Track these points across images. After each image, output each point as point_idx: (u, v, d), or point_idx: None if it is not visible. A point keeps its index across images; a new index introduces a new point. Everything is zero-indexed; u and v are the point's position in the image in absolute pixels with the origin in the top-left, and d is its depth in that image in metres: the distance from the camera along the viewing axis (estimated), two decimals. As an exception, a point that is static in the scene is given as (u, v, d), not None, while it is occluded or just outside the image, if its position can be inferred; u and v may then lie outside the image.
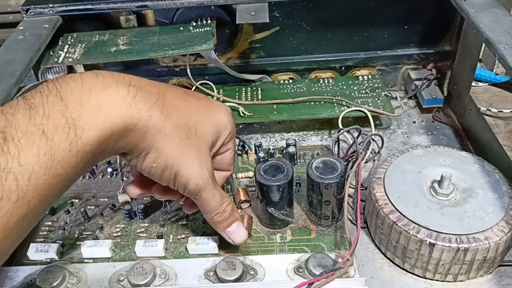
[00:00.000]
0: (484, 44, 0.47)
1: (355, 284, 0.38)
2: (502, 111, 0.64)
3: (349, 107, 0.57)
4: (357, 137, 0.50)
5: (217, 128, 0.38)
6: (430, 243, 0.38)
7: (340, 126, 0.54)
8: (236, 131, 0.56)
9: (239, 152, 0.54)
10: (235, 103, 0.58)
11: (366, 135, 0.51)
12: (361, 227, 0.44)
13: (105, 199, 0.49)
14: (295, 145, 0.52)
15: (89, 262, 0.43)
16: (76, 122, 0.29)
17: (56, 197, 0.30)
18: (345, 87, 0.61)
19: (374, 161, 0.53)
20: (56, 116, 0.28)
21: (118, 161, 0.51)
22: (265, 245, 0.44)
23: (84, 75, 0.31)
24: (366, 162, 0.52)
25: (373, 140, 0.53)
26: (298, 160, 0.53)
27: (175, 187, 0.36)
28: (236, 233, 0.41)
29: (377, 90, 0.60)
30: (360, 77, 0.62)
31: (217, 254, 0.42)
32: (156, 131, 0.33)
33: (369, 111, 0.56)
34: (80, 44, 0.55)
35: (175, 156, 0.34)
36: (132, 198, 0.48)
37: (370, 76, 0.62)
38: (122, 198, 0.48)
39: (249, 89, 0.62)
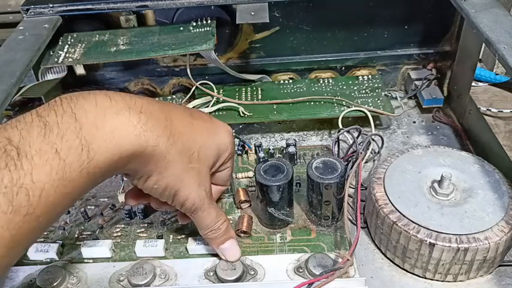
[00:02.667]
0: (484, 44, 0.47)
1: (355, 284, 0.38)
2: (502, 111, 0.64)
3: (349, 107, 0.57)
4: (357, 137, 0.50)
5: (218, 150, 0.39)
6: (430, 243, 0.38)
7: (340, 126, 0.54)
8: (236, 131, 0.57)
9: (239, 152, 0.54)
10: (235, 103, 0.58)
11: (366, 135, 0.51)
12: (361, 227, 0.44)
13: (105, 199, 0.49)
14: (295, 145, 0.52)
15: (89, 262, 0.43)
16: (89, 144, 0.30)
17: (61, 214, 0.32)
18: (345, 87, 0.61)
19: (374, 161, 0.53)
20: (70, 136, 0.29)
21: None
22: (265, 245, 0.44)
23: (98, 97, 0.32)
24: (366, 162, 0.52)
25: (373, 140, 0.53)
26: (298, 160, 0.53)
27: (173, 204, 0.38)
28: (230, 250, 0.41)
29: (377, 90, 0.60)
30: (360, 77, 0.62)
31: (217, 254, 0.42)
32: (160, 158, 0.34)
33: (369, 111, 0.56)
34: (80, 44, 0.55)
35: (176, 178, 0.36)
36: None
37: (370, 76, 0.62)
38: (121, 198, 0.48)
39: (249, 89, 0.62)
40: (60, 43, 0.56)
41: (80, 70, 0.59)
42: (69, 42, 0.56)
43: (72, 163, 0.29)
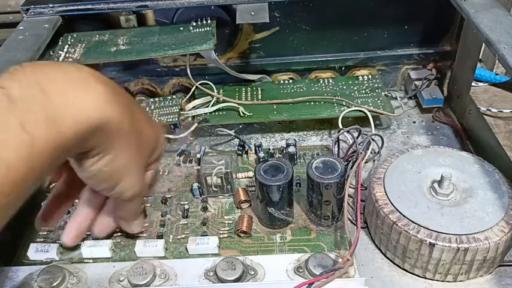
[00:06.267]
0: (484, 44, 0.47)
1: (355, 284, 0.38)
2: (502, 111, 0.64)
3: (349, 107, 0.57)
4: (357, 137, 0.50)
5: (155, 145, 0.39)
6: (430, 243, 0.38)
7: (340, 126, 0.54)
8: (236, 131, 0.57)
9: (239, 152, 0.54)
10: (235, 103, 0.58)
11: (366, 135, 0.52)
12: (361, 227, 0.44)
13: (105, 199, 0.49)
14: (295, 145, 0.52)
15: (89, 262, 0.43)
16: (57, 115, 0.29)
17: (29, 191, 0.30)
18: (345, 87, 0.61)
19: (374, 161, 0.53)
20: (36, 109, 0.28)
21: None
22: (265, 245, 0.44)
23: (64, 67, 0.31)
24: (366, 162, 0.52)
25: (373, 140, 0.53)
26: (298, 160, 0.53)
27: (110, 192, 0.37)
28: (137, 225, 0.43)
29: (377, 90, 0.60)
30: (360, 77, 0.62)
31: (217, 254, 0.42)
32: (121, 135, 0.33)
33: (369, 111, 0.56)
34: (80, 44, 0.55)
35: (127, 164, 0.35)
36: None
37: (370, 76, 0.62)
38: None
39: (249, 89, 0.61)
40: (60, 43, 0.55)
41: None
42: (69, 42, 0.56)
43: (39, 136, 0.28)
